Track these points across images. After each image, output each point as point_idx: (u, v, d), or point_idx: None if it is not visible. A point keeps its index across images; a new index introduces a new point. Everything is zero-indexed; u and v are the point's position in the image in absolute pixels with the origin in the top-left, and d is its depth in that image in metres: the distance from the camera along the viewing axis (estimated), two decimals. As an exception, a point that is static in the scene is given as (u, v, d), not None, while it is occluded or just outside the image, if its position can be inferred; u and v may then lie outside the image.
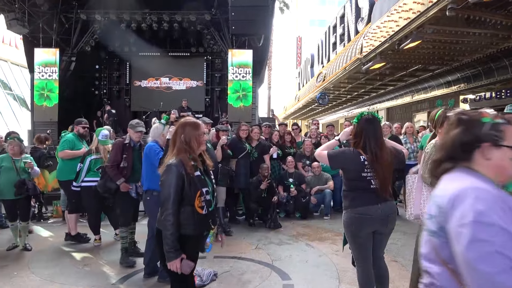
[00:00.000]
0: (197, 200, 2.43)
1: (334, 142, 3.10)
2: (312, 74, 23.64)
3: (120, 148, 4.41)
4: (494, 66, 10.41)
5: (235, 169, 6.02)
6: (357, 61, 11.47)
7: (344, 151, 2.93)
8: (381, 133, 2.84)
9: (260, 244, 5.00)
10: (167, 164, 2.43)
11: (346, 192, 2.88)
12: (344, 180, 2.93)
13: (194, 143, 2.48)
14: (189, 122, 2.54)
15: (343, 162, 2.85)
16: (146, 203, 3.81)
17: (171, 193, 2.37)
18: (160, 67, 15.28)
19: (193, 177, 2.42)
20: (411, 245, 5.01)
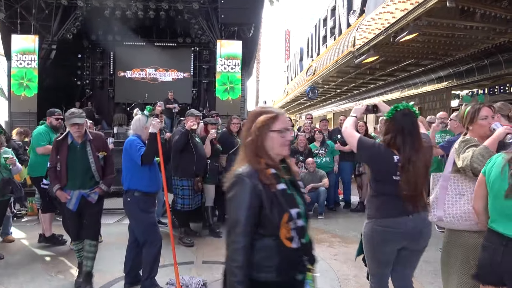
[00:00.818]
0: (283, 228, 1.60)
1: (354, 119, 2.59)
2: (301, 68, 23.37)
3: (54, 145, 3.68)
4: (487, 62, 10.24)
5: (225, 166, 5.64)
6: (350, 54, 11.18)
7: (377, 146, 2.43)
8: (419, 129, 2.40)
9: (253, 247, 4.65)
10: (234, 174, 1.64)
11: (371, 198, 2.45)
12: (370, 181, 2.49)
13: (273, 142, 1.67)
14: (265, 111, 1.72)
15: (374, 157, 2.41)
16: (126, 205, 3.42)
17: (241, 218, 1.56)
18: (146, 58, 14.80)
19: (276, 193, 1.61)
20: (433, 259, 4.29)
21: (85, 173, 3.57)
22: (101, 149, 3.66)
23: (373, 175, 2.44)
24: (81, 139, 3.59)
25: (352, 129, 2.50)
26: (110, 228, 5.46)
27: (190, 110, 5.10)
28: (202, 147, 5.05)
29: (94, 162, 3.57)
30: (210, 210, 5.30)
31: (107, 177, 3.72)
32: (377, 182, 2.40)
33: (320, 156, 6.68)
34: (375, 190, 2.41)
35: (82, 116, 3.54)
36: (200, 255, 4.36)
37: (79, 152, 3.57)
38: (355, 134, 2.44)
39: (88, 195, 3.60)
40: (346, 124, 2.55)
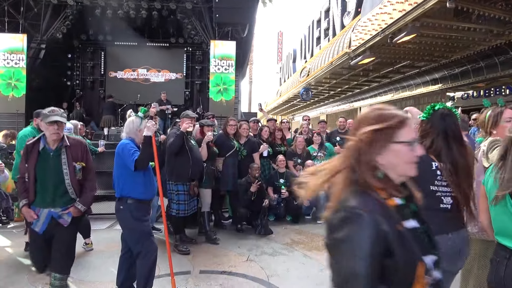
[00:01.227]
0: (418, 284, 1.15)
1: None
2: (294, 69, 23.32)
3: (24, 150, 3.01)
4: (483, 64, 10.21)
5: (222, 169, 5.44)
6: (345, 56, 11.08)
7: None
8: (461, 132, 2.09)
9: (252, 255, 4.43)
10: (344, 206, 1.16)
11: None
12: None
13: (397, 158, 1.23)
14: (385, 114, 1.24)
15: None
16: (118, 214, 3.17)
17: (360, 271, 1.09)
18: (138, 58, 14.59)
19: (404, 234, 1.16)
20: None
21: (57, 187, 2.89)
22: (79, 159, 2.98)
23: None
24: (56, 145, 2.92)
25: None
26: (100, 234, 5.19)
27: (185, 112, 4.88)
28: (198, 150, 4.84)
29: (69, 174, 2.89)
30: (206, 215, 5.08)
31: (86, 195, 3.02)
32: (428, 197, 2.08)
33: (319, 158, 6.51)
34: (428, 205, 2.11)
35: (64, 116, 2.96)
36: (197, 264, 4.14)
37: (52, 160, 2.89)
38: None
39: (60, 215, 2.90)
40: None
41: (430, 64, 11.64)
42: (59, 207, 2.91)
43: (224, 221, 5.94)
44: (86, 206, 3.02)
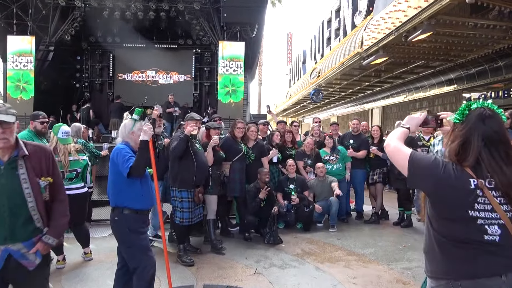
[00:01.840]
0: None
1: (404, 131, 1.86)
2: (304, 71, 23.05)
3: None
4: (502, 63, 9.79)
5: (229, 174, 5.17)
6: (357, 56, 10.77)
7: (443, 165, 1.59)
8: (509, 138, 1.61)
9: (260, 268, 4.15)
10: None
11: (434, 245, 1.63)
12: (430, 218, 1.66)
13: None
14: None
15: (441, 184, 1.56)
16: (113, 225, 2.88)
17: None
18: (146, 60, 14.53)
19: None
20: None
21: (15, 213, 2.09)
22: (44, 172, 2.19)
23: (437, 210, 1.61)
24: (8, 155, 2.11)
25: (400, 143, 1.77)
26: (101, 242, 4.96)
27: (190, 114, 4.63)
28: (203, 154, 4.58)
29: (32, 194, 2.11)
30: (212, 223, 4.82)
31: (56, 222, 2.23)
32: (445, 221, 1.58)
33: (331, 162, 6.20)
34: (442, 233, 1.59)
35: (11, 113, 2.08)
36: (201, 276, 3.88)
37: (5, 177, 2.08)
38: (405, 150, 1.70)
39: (22, 254, 2.10)
40: (392, 137, 1.82)
41: (445, 64, 11.26)
42: (20, 241, 2.10)
43: (231, 229, 5.68)
44: (57, 238, 2.21)
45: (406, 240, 5.30)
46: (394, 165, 5.74)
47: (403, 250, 4.88)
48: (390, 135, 1.86)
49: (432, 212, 1.64)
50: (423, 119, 1.90)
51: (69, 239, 4.55)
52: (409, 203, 6.16)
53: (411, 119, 1.92)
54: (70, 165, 4.07)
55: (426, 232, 1.70)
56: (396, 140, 1.79)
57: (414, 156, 1.66)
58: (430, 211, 1.65)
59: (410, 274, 4.04)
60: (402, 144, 1.76)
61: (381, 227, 6.08)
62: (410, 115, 1.98)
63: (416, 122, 1.91)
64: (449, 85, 12.12)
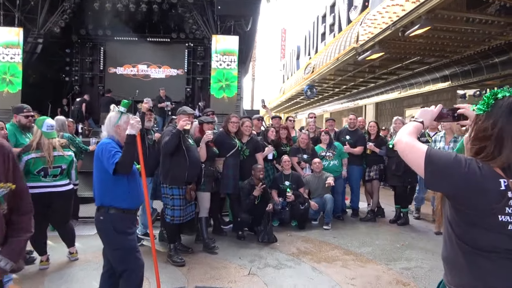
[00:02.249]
0: None
1: (417, 125, 1.62)
2: (298, 67, 22.93)
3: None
4: (498, 60, 9.72)
5: (222, 170, 4.98)
6: (352, 51, 10.63)
7: (467, 164, 1.35)
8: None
9: (254, 268, 3.99)
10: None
11: (457, 254, 1.43)
12: (452, 224, 1.44)
13: None
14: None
15: (464, 185, 1.34)
16: (99, 225, 2.68)
17: None
18: (138, 54, 14.27)
19: None
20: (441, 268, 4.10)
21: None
22: (2, 177, 1.66)
23: (460, 215, 1.39)
24: None
25: (413, 138, 1.53)
26: (88, 241, 4.72)
27: (182, 108, 4.44)
28: (196, 150, 4.40)
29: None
30: (204, 222, 4.65)
31: (15, 240, 1.73)
32: (470, 227, 1.37)
33: (328, 159, 6.05)
34: (467, 241, 1.38)
35: None
36: (192, 278, 3.71)
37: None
38: (420, 146, 1.46)
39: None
40: (404, 132, 1.58)
41: (440, 61, 11.17)
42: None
43: (224, 227, 5.51)
44: (13, 261, 1.69)
45: (404, 239, 5.18)
46: (391, 162, 5.53)
47: (401, 249, 4.75)
48: (401, 130, 1.61)
49: (454, 217, 1.42)
50: (438, 112, 1.67)
51: (54, 237, 4.33)
52: (405, 200, 6.03)
53: (425, 112, 1.68)
54: (54, 160, 3.84)
55: (446, 238, 1.50)
56: (408, 135, 1.55)
57: (432, 153, 1.42)
58: (452, 216, 1.43)
59: (410, 274, 3.91)
60: (415, 140, 1.52)
61: (378, 225, 5.96)
62: (424, 108, 1.74)
63: (430, 115, 1.67)
64: (443, 82, 12.05)
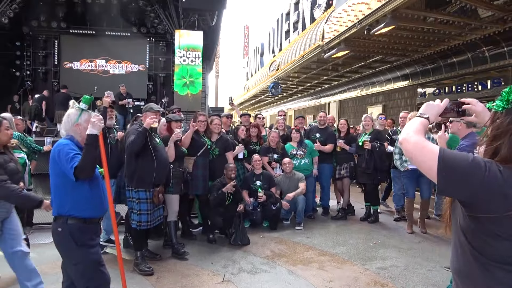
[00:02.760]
0: None
1: (423, 121, 1.45)
2: (262, 64, 22.85)
3: None
4: (455, 60, 10.07)
5: (192, 171, 4.72)
6: (318, 48, 10.63)
7: (481, 165, 1.20)
8: None
9: (228, 274, 3.78)
10: None
11: (471, 267, 1.28)
12: (468, 234, 1.28)
13: None
14: None
15: (477, 191, 1.19)
16: (56, 238, 2.37)
17: None
18: (96, 48, 13.58)
19: None
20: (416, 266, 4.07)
21: None
22: None
23: (479, 225, 1.23)
24: None
25: (422, 137, 1.35)
26: (44, 250, 4.30)
27: (148, 104, 4.14)
28: (163, 150, 4.12)
29: None
30: (173, 226, 4.38)
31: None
32: (490, 239, 1.21)
33: (299, 157, 5.94)
34: (484, 253, 1.23)
35: None
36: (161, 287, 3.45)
37: None
38: (431, 146, 1.29)
39: None
40: (410, 129, 1.40)
41: (402, 59, 11.46)
42: None
43: (193, 230, 5.25)
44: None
45: (376, 237, 5.17)
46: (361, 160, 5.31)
47: (375, 248, 4.72)
48: (406, 128, 1.42)
49: (470, 226, 1.27)
50: (444, 106, 1.53)
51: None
52: (375, 198, 6.05)
53: (431, 107, 1.52)
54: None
55: (457, 248, 1.34)
56: (416, 134, 1.37)
57: (446, 155, 1.24)
58: (467, 225, 1.28)
59: (387, 274, 3.87)
60: (425, 139, 1.35)
61: (349, 223, 5.93)
62: (428, 102, 1.57)
63: (436, 110, 1.52)
64: (404, 80, 12.36)
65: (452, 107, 1.55)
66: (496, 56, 8.38)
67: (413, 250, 4.65)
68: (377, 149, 5.70)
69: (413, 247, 4.75)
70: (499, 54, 8.32)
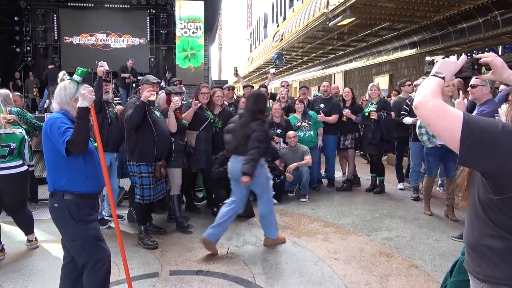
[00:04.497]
0: None
1: (439, 81, 1.28)
2: (266, 35, 22.37)
3: None
4: (466, 25, 9.71)
5: (195, 145, 4.64)
6: (323, 16, 10.32)
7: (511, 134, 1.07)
8: None
9: (232, 246, 3.78)
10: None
11: (489, 242, 1.20)
12: (489, 209, 1.19)
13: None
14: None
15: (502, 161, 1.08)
16: (54, 214, 2.31)
17: None
18: (95, 22, 13.25)
19: None
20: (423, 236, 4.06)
21: None
22: None
23: (503, 198, 1.12)
24: None
25: (442, 101, 1.18)
26: (49, 225, 4.19)
27: (145, 77, 4.01)
28: (164, 123, 4.03)
29: None
30: (176, 199, 4.34)
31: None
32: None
33: (303, 129, 5.83)
34: (507, 229, 1.15)
35: None
36: (166, 261, 3.44)
37: None
38: (453, 110, 1.14)
39: None
40: (427, 91, 1.22)
41: (409, 26, 11.11)
42: None
43: (198, 203, 5.24)
44: None
45: (382, 207, 5.12)
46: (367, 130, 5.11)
47: (380, 218, 4.68)
48: (422, 90, 1.25)
49: (492, 199, 1.16)
50: (461, 63, 1.37)
51: (9, 223, 3.92)
52: (381, 168, 5.96)
53: (447, 65, 1.35)
54: (1, 139, 3.39)
55: (474, 222, 1.26)
56: (434, 96, 1.19)
57: (472, 121, 1.10)
58: (487, 198, 1.18)
59: (392, 245, 3.83)
60: (444, 103, 1.18)
61: (354, 194, 5.89)
62: (444, 59, 1.39)
63: (453, 69, 1.35)
64: (412, 48, 12.03)
65: (467, 65, 1.41)
66: (509, 20, 8.03)
67: (419, 220, 4.60)
68: (384, 119, 5.56)
69: (420, 217, 4.69)
70: (511, 18, 7.98)
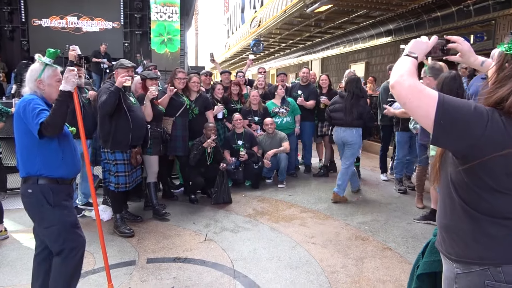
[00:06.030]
0: None
1: (413, 61, 1.28)
2: (243, 20, 22.15)
3: None
4: (440, 14, 9.90)
5: (171, 131, 4.57)
6: (300, 2, 10.28)
7: (484, 114, 1.09)
8: None
9: (210, 233, 3.76)
10: None
11: (460, 222, 1.22)
12: (461, 189, 1.20)
13: None
14: None
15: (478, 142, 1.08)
16: (26, 200, 2.22)
17: None
18: (66, 4, 12.72)
19: None
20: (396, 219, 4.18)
21: None
22: None
23: (476, 179, 1.14)
24: None
25: (418, 81, 1.18)
26: (20, 215, 4.11)
27: (119, 61, 3.88)
28: (139, 110, 3.94)
29: None
30: (153, 187, 4.28)
31: None
32: (486, 193, 1.14)
33: (281, 115, 5.83)
34: (479, 208, 1.17)
35: None
36: (143, 249, 3.40)
37: None
38: (429, 91, 1.15)
39: None
40: (402, 71, 1.21)
41: (386, 14, 11.22)
42: None
43: (175, 190, 5.19)
44: None
45: (357, 193, 5.22)
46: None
47: (356, 203, 4.78)
48: (397, 70, 1.23)
49: (463, 180, 1.18)
50: (433, 44, 1.37)
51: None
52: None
53: (419, 44, 1.34)
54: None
55: (447, 203, 1.27)
56: (410, 76, 1.18)
57: (446, 101, 1.11)
58: (459, 179, 1.20)
59: (368, 229, 3.92)
60: (420, 82, 1.18)
61: (331, 180, 5.96)
62: (416, 39, 1.38)
63: (425, 48, 1.35)
64: (387, 36, 12.18)
65: (438, 45, 1.42)
66: (480, 10, 8.24)
67: (393, 204, 4.72)
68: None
69: (393, 202, 4.82)
70: (483, 8, 8.18)
